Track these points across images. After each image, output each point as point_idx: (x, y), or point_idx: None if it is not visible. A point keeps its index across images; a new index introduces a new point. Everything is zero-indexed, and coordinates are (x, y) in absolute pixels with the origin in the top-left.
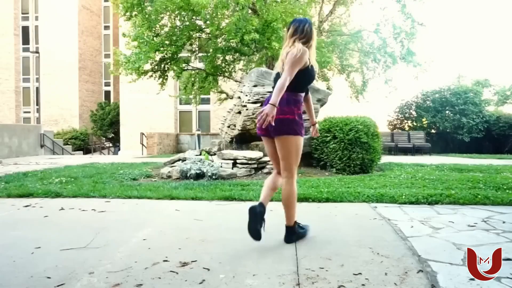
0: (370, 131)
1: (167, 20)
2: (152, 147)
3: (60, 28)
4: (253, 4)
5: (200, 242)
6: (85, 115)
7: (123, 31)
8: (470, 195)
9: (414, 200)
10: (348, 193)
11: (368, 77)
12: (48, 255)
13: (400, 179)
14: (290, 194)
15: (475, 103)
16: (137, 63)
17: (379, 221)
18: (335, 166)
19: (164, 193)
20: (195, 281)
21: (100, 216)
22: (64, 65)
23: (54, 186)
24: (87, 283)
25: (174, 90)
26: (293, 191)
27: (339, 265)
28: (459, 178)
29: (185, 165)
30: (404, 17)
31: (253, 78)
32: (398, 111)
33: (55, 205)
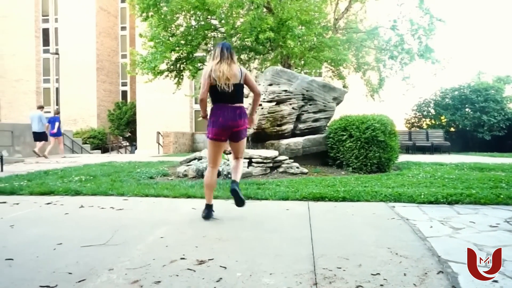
0: (387, 130)
1: (182, 20)
2: (168, 146)
3: (78, 30)
4: (268, 3)
5: (216, 240)
6: (102, 115)
7: (139, 32)
8: (492, 194)
9: (433, 200)
10: (365, 192)
11: (384, 74)
12: (69, 251)
13: (419, 178)
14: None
15: (497, 100)
16: (153, 63)
17: (397, 221)
18: (352, 165)
19: (181, 192)
20: (212, 279)
21: (118, 214)
22: (83, 65)
23: (74, 184)
24: (106, 279)
25: (190, 90)
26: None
27: (356, 265)
28: (480, 177)
29: (201, 164)
30: (422, 13)
31: (268, 77)
32: (416, 109)
33: (75, 202)
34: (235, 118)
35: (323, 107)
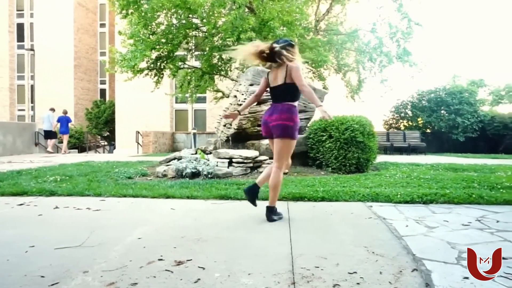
0: (366, 131)
1: (163, 18)
2: (147, 146)
3: (55, 26)
4: (250, 3)
5: (195, 241)
6: (80, 113)
7: (119, 29)
8: (465, 194)
9: (409, 199)
10: (344, 192)
11: (364, 76)
12: (42, 254)
13: (396, 178)
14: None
15: (470, 103)
16: (133, 61)
17: (374, 220)
18: (331, 165)
19: (160, 192)
20: (190, 280)
21: (95, 215)
22: (59, 63)
23: (48, 185)
24: (81, 282)
25: (170, 89)
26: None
27: (334, 264)
28: (453, 177)
29: (180, 164)
30: (400, 16)
31: (250, 77)
32: (394, 110)
33: (49, 203)
34: (271, 114)
35: (304, 108)
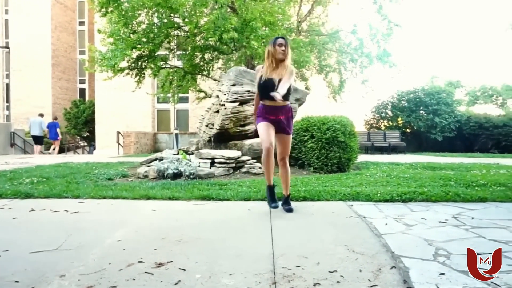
0: (347, 131)
1: (144, 17)
2: (128, 146)
3: (32, 23)
4: (232, 3)
5: (176, 242)
6: (58, 113)
7: (98, 27)
8: (442, 192)
9: (388, 198)
10: (325, 192)
11: (345, 77)
12: (16, 258)
13: (376, 177)
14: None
15: (448, 103)
16: (113, 60)
17: (355, 219)
18: (313, 165)
19: (141, 193)
20: (170, 282)
21: (73, 217)
22: (36, 61)
23: (24, 187)
24: (58, 286)
25: (152, 88)
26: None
27: (315, 263)
28: (431, 176)
29: (162, 164)
30: (380, 18)
31: (232, 77)
32: (375, 110)
33: (25, 206)
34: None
35: None
